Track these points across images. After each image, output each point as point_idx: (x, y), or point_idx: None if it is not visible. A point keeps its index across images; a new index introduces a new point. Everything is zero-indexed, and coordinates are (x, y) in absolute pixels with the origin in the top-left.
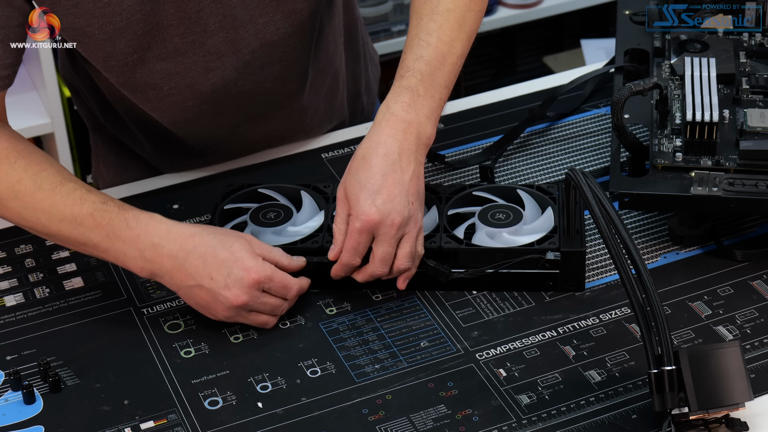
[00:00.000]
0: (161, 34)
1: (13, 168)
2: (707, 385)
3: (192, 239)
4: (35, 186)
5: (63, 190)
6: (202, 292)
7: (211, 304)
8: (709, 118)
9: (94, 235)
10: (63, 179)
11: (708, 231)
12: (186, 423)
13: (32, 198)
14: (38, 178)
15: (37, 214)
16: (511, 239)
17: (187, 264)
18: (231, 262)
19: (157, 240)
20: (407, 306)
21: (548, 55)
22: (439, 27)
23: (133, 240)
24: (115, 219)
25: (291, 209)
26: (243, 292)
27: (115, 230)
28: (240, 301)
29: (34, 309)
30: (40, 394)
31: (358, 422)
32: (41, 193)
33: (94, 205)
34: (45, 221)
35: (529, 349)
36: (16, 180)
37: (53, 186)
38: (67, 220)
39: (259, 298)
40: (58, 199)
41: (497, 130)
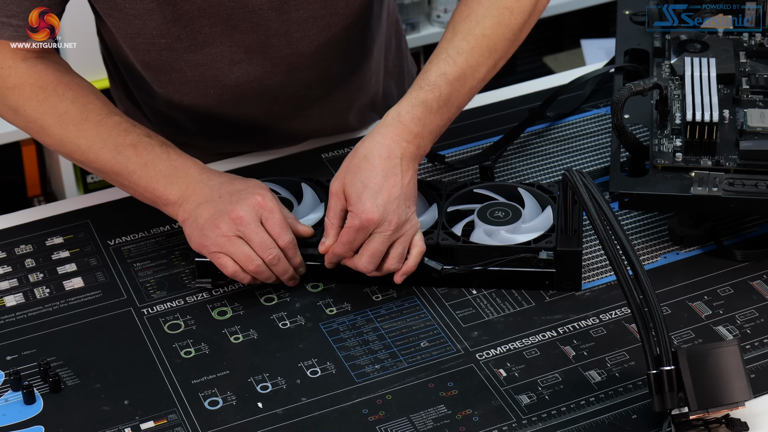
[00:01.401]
0: (191, 25)
1: (60, 99)
2: (706, 384)
3: (218, 176)
4: (82, 117)
5: (109, 122)
6: (208, 209)
7: (210, 219)
8: (709, 118)
9: (131, 163)
10: (109, 112)
11: (708, 231)
12: (186, 423)
13: (78, 128)
14: (85, 110)
15: (79, 141)
16: (509, 237)
17: (207, 189)
18: (244, 188)
19: (191, 172)
20: (407, 306)
21: (548, 55)
22: (470, 49)
23: (170, 170)
24: (157, 150)
25: (292, 202)
26: (245, 210)
27: (154, 159)
28: (238, 215)
29: (34, 309)
30: (40, 394)
31: (358, 422)
32: (87, 124)
33: (138, 137)
34: (85, 149)
35: (529, 349)
36: (64, 111)
37: (99, 118)
38: (108, 148)
39: (253, 224)
40: (102, 130)
41: (497, 130)
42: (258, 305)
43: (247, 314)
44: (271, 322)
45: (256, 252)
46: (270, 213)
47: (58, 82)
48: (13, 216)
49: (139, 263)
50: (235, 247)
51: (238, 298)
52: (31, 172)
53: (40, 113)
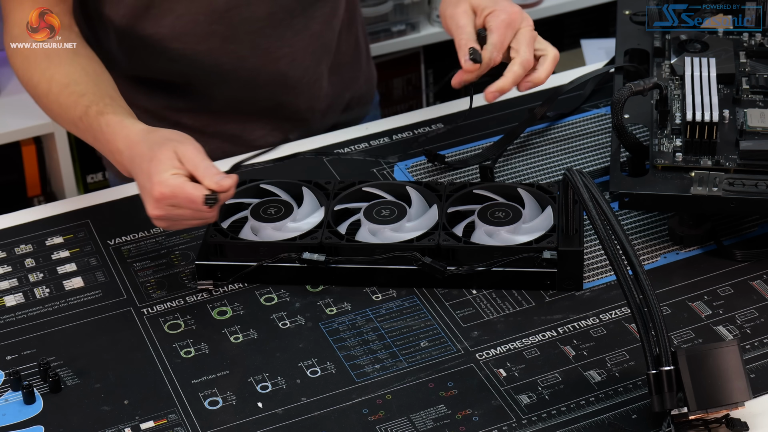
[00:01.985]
0: None
1: (35, 70)
2: (706, 384)
3: (135, 148)
4: (47, 89)
5: (64, 93)
6: (142, 194)
7: (147, 210)
8: (709, 118)
9: (88, 136)
10: (68, 82)
11: (708, 231)
12: (186, 423)
13: (47, 99)
14: (50, 82)
15: (53, 114)
16: (510, 238)
17: (133, 172)
18: (146, 177)
19: (119, 145)
20: (407, 306)
21: None
22: None
23: (106, 144)
24: (93, 123)
25: (292, 205)
26: (154, 207)
27: (96, 134)
28: (154, 214)
29: (34, 309)
30: (40, 394)
31: (358, 422)
32: (52, 96)
33: (81, 110)
34: (60, 121)
35: (529, 349)
36: (36, 82)
37: (59, 89)
38: (69, 123)
39: (172, 211)
40: (62, 102)
41: (497, 130)
42: (258, 305)
43: (247, 314)
44: (271, 322)
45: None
46: (172, 198)
47: (40, 51)
48: (13, 216)
49: (139, 263)
50: (183, 225)
51: (238, 298)
52: (31, 172)
53: (24, 82)
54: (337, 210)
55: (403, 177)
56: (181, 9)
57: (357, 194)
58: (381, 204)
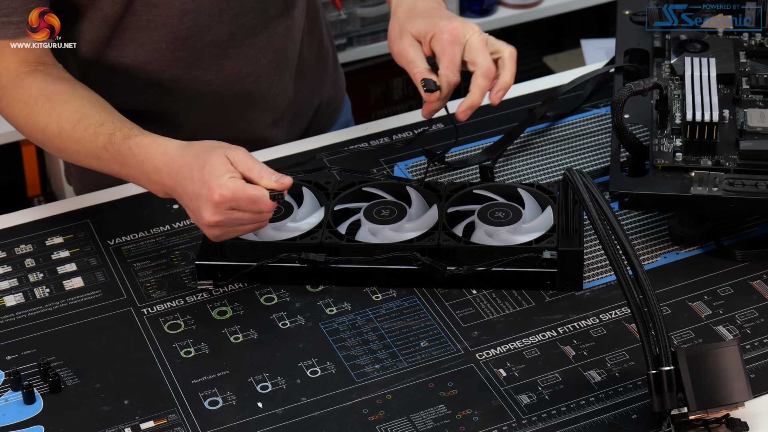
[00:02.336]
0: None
1: (39, 114)
2: (706, 384)
3: (179, 161)
4: (59, 128)
5: (79, 129)
6: (192, 212)
7: (198, 222)
8: (709, 118)
9: (113, 164)
10: (81, 117)
11: (708, 231)
12: (186, 423)
13: (60, 139)
14: (60, 120)
15: (68, 152)
16: (510, 238)
17: (178, 185)
18: (200, 184)
19: (157, 163)
20: (407, 306)
21: (548, 55)
22: None
23: (139, 165)
24: (122, 149)
25: (291, 205)
26: (213, 213)
27: (125, 159)
28: (213, 220)
29: (34, 309)
30: (40, 394)
31: (358, 422)
32: (64, 134)
33: (105, 138)
34: (76, 158)
35: (529, 349)
36: (44, 125)
37: (72, 127)
38: (90, 156)
39: (231, 215)
40: (78, 139)
41: (497, 130)
42: (258, 305)
43: (247, 314)
44: (271, 322)
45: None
46: (234, 201)
47: (39, 95)
48: (13, 216)
49: (139, 263)
50: (235, 224)
51: (238, 298)
52: (31, 172)
53: (28, 129)
54: (337, 210)
55: (403, 177)
56: (143, 38)
57: (357, 194)
58: (381, 204)
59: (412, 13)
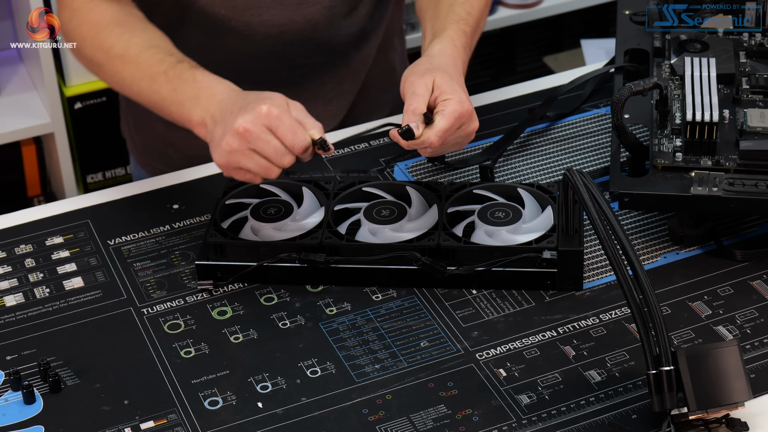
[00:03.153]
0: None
1: (108, 36)
2: (706, 384)
3: (240, 93)
4: (124, 50)
5: (147, 54)
6: (221, 127)
7: (222, 137)
8: (709, 118)
9: (163, 90)
10: (150, 45)
11: (708, 231)
12: (186, 423)
13: (122, 61)
14: (128, 44)
15: (124, 75)
16: (510, 237)
17: (225, 109)
18: (254, 97)
19: (216, 91)
20: (407, 306)
21: (548, 55)
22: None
23: (195, 91)
24: (185, 74)
25: (292, 205)
26: (249, 120)
27: (182, 83)
28: (243, 127)
29: (34, 309)
30: (40, 394)
31: (358, 422)
32: (128, 57)
33: (170, 64)
34: (129, 82)
35: (529, 349)
36: (110, 45)
37: (139, 50)
38: (145, 80)
39: (261, 134)
40: (141, 62)
41: (497, 130)
42: (258, 305)
43: (247, 314)
44: (271, 322)
45: (271, 162)
46: (278, 120)
47: (111, 20)
48: (13, 216)
49: (139, 263)
50: (251, 161)
51: (238, 298)
52: (31, 172)
53: (92, 50)
54: (337, 210)
55: (403, 177)
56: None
57: (357, 194)
58: (381, 204)
59: (446, 68)
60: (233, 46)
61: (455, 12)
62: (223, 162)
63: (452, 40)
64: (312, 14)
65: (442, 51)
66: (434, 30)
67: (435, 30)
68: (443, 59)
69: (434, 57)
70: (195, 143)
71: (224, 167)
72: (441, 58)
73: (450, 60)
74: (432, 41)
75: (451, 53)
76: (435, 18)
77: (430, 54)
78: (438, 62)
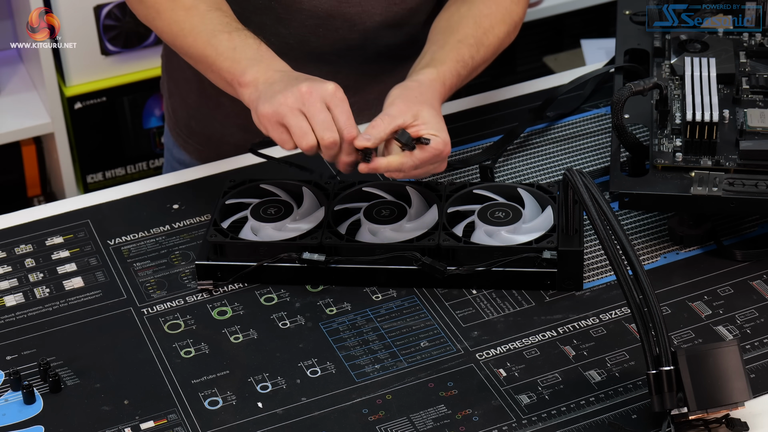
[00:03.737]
0: None
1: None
2: (706, 384)
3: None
4: (192, 4)
5: (214, 14)
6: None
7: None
8: (709, 118)
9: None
10: (218, 8)
11: (708, 231)
12: (186, 423)
13: (187, 13)
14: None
15: (184, 25)
16: (510, 237)
17: (285, 75)
18: (321, 80)
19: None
20: (407, 306)
21: (548, 55)
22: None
23: (256, 55)
24: (249, 40)
25: (292, 205)
26: (316, 89)
27: (244, 46)
28: (308, 89)
29: (34, 309)
30: (40, 394)
31: (358, 422)
32: (195, 11)
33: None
34: (187, 32)
35: (529, 349)
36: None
37: (207, 8)
38: (206, 33)
39: (319, 103)
40: (207, 18)
41: (497, 130)
42: (258, 305)
43: (247, 314)
44: (271, 322)
45: (314, 130)
46: (341, 102)
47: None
48: (13, 216)
49: (139, 263)
50: (295, 119)
51: (238, 298)
52: (31, 172)
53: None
54: (337, 210)
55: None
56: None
57: (357, 194)
58: (381, 204)
59: (433, 104)
60: (268, 27)
61: (460, 51)
62: (269, 112)
63: (444, 78)
64: (351, 15)
65: (431, 83)
66: (433, 57)
67: (434, 58)
68: (432, 92)
69: (423, 86)
70: (214, 125)
71: (267, 118)
72: (431, 90)
73: (436, 96)
74: (426, 67)
75: (439, 90)
76: (441, 46)
77: (422, 81)
78: (428, 94)
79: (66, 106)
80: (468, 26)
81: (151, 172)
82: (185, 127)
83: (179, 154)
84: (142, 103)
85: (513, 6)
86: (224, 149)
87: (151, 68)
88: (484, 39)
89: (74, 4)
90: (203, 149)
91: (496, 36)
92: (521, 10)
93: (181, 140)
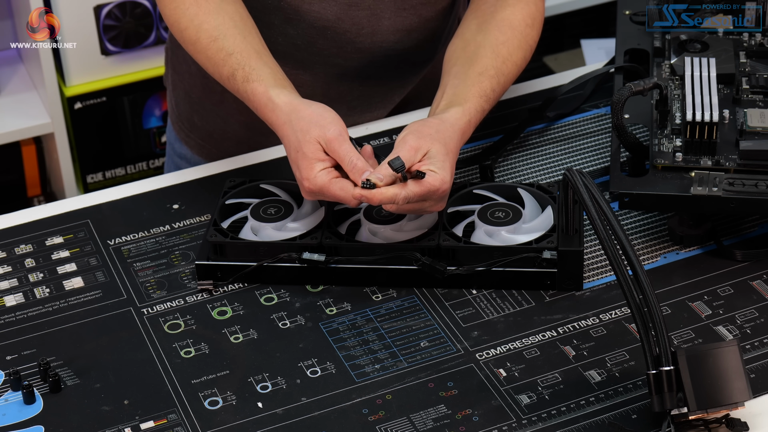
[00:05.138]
0: None
1: (183, 15)
2: (706, 384)
3: (282, 128)
4: (196, 37)
5: (213, 47)
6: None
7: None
8: (709, 118)
9: (237, 94)
10: (217, 36)
11: (708, 231)
12: (186, 423)
13: (194, 47)
14: (199, 31)
15: (198, 60)
16: (510, 237)
17: (283, 144)
18: (295, 165)
19: (270, 118)
20: (407, 306)
21: (548, 55)
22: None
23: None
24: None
25: (292, 205)
26: (304, 191)
27: (243, 98)
28: (309, 197)
29: (34, 309)
30: (40, 394)
31: (358, 422)
32: (200, 46)
33: (229, 71)
34: (206, 70)
35: (529, 349)
36: (184, 27)
37: (208, 42)
38: (217, 77)
39: (318, 195)
40: (210, 56)
41: (497, 130)
42: (258, 305)
43: (247, 314)
44: (271, 322)
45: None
46: (320, 194)
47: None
48: (13, 216)
49: (139, 263)
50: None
51: (238, 298)
52: (31, 172)
53: (171, 22)
54: (337, 210)
55: None
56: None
57: None
58: None
59: (448, 142)
60: (276, 27)
61: (482, 85)
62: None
63: (470, 116)
64: (360, 19)
65: (455, 123)
66: (455, 93)
67: (456, 94)
68: (452, 132)
69: (445, 124)
70: (216, 120)
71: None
72: (451, 130)
73: (458, 135)
74: (450, 106)
75: (463, 129)
76: (462, 80)
77: (444, 119)
78: (446, 133)
79: (66, 106)
80: (486, 56)
81: (151, 172)
82: (187, 122)
83: (181, 148)
84: (142, 103)
85: (528, 30)
86: (225, 145)
87: (151, 68)
88: (504, 68)
89: (74, 4)
90: (205, 144)
91: (515, 63)
92: (536, 33)
93: (183, 134)
